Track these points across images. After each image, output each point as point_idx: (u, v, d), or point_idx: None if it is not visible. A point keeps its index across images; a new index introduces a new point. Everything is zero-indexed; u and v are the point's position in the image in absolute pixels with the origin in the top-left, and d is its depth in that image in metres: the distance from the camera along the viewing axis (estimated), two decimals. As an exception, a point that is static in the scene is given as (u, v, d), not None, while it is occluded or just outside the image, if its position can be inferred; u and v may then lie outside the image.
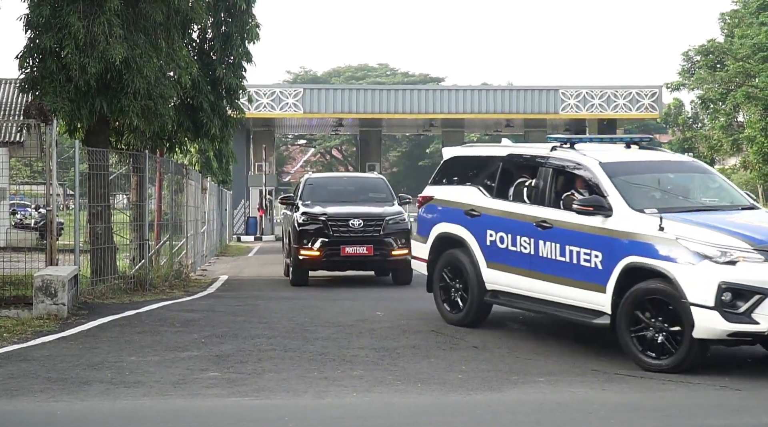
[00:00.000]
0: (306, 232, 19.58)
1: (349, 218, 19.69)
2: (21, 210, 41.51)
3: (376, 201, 21.02)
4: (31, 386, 9.21)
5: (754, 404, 8.85)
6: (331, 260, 19.63)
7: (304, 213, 19.85)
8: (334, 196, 21.14)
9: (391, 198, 21.31)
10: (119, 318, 14.15)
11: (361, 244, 19.57)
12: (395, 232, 19.74)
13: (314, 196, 20.82)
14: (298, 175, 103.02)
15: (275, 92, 51.08)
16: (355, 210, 20.15)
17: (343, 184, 22.65)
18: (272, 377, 9.73)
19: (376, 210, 20.17)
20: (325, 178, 23.53)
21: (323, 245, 19.43)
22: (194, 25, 20.17)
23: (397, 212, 20.17)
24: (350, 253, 19.51)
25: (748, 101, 48.35)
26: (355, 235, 19.60)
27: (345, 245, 19.49)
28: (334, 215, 19.68)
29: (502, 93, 52.95)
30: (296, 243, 19.62)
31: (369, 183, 22.53)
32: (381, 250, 19.58)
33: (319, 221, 19.61)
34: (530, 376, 9.94)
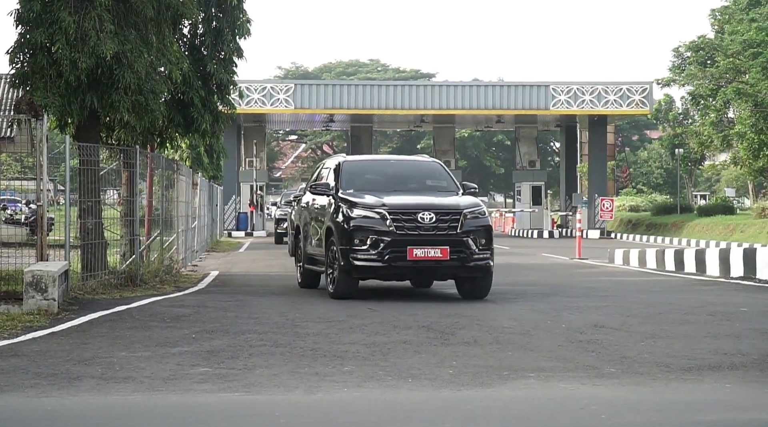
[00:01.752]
0: (360, 229, 15.57)
1: (418, 211, 15.59)
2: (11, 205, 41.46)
3: (437, 190, 17.09)
4: (21, 382, 9.19)
5: (745, 399, 8.86)
6: (393, 266, 15.51)
7: (354, 204, 15.90)
8: (383, 184, 17.15)
9: (454, 187, 17.32)
10: (110, 314, 14.13)
11: (434, 245, 15.37)
12: (475, 229, 15.73)
13: (358, 184, 16.91)
14: (289, 170, 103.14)
15: (266, 88, 51.08)
16: (423, 200, 16.09)
17: (391, 169, 18.28)
18: (263, 373, 9.72)
19: (449, 201, 16.15)
20: (367, 162, 19.15)
21: (384, 246, 15.40)
22: (185, 20, 20.15)
23: (474, 204, 16.14)
24: (419, 256, 15.34)
25: (739, 97, 48.45)
26: (426, 233, 15.43)
27: (413, 246, 15.36)
28: (398, 207, 15.69)
29: (493, 89, 53.02)
30: (345, 243, 15.60)
31: (424, 167, 18.24)
32: (459, 252, 15.50)
33: (375, 214, 15.63)
34: (521, 371, 9.94)
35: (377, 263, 15.39)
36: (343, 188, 16.68)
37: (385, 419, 7.92)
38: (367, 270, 15.66)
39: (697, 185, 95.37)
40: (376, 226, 15.47)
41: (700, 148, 58.61)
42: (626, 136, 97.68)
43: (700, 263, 23.76)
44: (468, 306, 15.35)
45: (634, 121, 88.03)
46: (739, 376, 9.81)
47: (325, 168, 18.56)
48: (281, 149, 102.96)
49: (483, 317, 13.98)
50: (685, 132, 64.52)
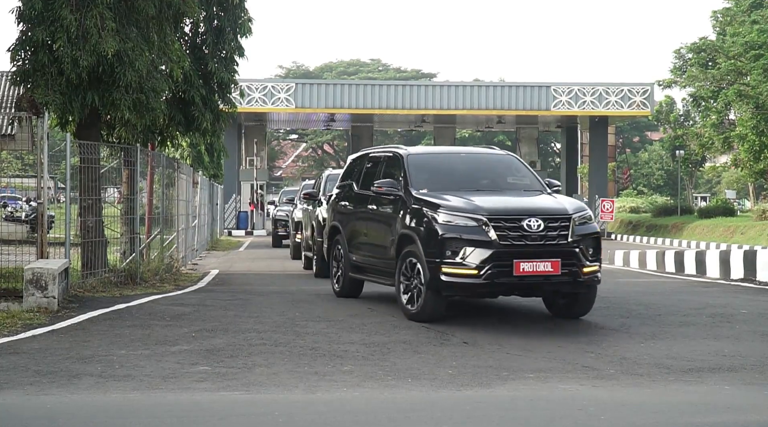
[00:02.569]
0: (453, 238, 12.70)
1: (523, 216, 12.80)
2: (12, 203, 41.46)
3: (523, 189, 14.73)
4: (21, 379, 9.19)
5: (743, 400, 8.87)
6: (496, 284, 12.69)
7: (437, 206, 13.15)
8: (459, 181, 14.54)
9: (539, 185, 14.94)
10: (109, 312, 14.13)
11: (544, 257, 12.68)
12: (585, 237, 13.13)
13: (431, 182, 14.33)
14: (290, 170, 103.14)
15: (267, 87, 51.08)
16: (526, 204, 13.51)
17: (464, 164, 15.42)
18: (263, 372, 9.73)
19: (554, 204, 13.53)
20: (436, 156, 16.04)
21: (486, 259, 12.52)
22: (186, 18, 20.15)
23: (581, 207, 13.55)
24: (527, 271, 12.54)
25: (740, 99, 48.45)
26: (533, 243, 12.71)
27: (520, 260, 12.57)
28: (499, 212, 12.86)
29: (494, 89, 53.02)
30: (433, 255, 12.82)
31: (502, 162, 15.55)
32: (571, 266, 12.82)
33: (471, 220, 12.76)
34: (520, 372, 9.94)
35: (475, 279, 12.46)
36: (415, 187, 14.04)
37: (384, 418, 7.93)
38: (461, 288, 12.76)
39: (698, 187, 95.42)
40: (473, 235, 12.58)
41: (701, 150, 58.61)
42: (627, 138, 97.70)
43: (700, 265, 23.76)
44: (466, 307, 15.35)
45: (635, 123, 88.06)
46: (738, 378, 9.81)
47: (371, 161, 16.25)
48: (282, 148, 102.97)
49: (482, 317, 13.98)
50: (685, 134, 64.50)
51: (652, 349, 11.54)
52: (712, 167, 73.84)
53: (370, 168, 16.00)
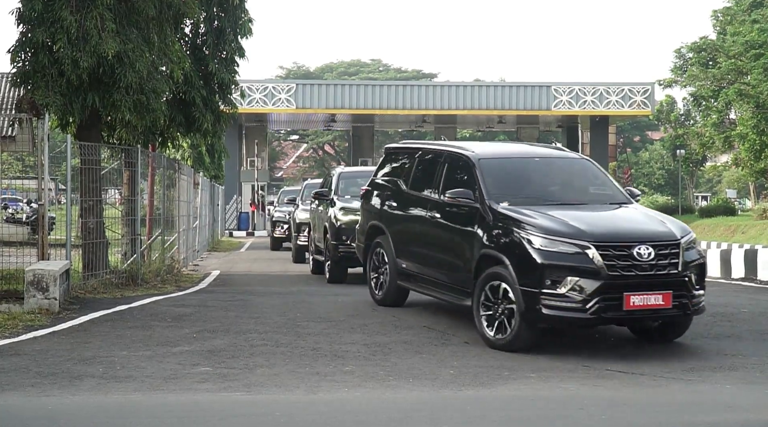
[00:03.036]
0: (554, 266, 11.02)
1: (633, 243, 11.13)
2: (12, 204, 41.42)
3: (609, 202, 12.89)
4: (22, 381, 9.20)
5: (744, 399, 8.87)
6: (603, 317, 11.05)
7: (528, 226, 11.41)
8: (541, 192, 12.76)
9: (621, 195, 13.13)
10: (111, 313, 14.13)
11: (655, 289, 11.03)
12: (693, 264, 11.51)
13: (510, 193, 12.42)
14: (291, 170, 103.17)
15: (268, 87, 51.08)
16: (633, 227, 11.72)
17: (539, 170, 13.39)
18: (264, 372, 9.73)
19: (661, 227, 11.71)
20: (510, 161, 13.62)
21: (593, 291, 10.85)
22: (187, 19, 20.13)
23: (685, 230, 11.83)
24: (637, 305, 10.93)
25: (740, 98, 48.46)
26: (643, 274, 11.04)
27: (630, 292, 10.91)
28: (606, 237, 11.17)
29: (495, 89, 53.00)
30: (533, 284, 11.06)
31: (579, 168, 13.58)
32: (681, 297, 11.21)
33: (574, 247, 11.03)
34: (521, 372, 9.95)
35: (580, 313, 10.90)
36: (492, 198, 12.24)
37: (385, 419, 7.93)
38: (563, 321, 11.21)
39: (699, 186, 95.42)
40: (577, 263, 10.99)
41: (702, 150, 58.62)
42: (628, 137, 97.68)
43: (701, 264, 23.70)
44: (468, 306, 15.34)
45: (636, 122, 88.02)
46: (739, 377, 9.82)
47: (425, 159, 14.49)
48: (282, 149, 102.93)
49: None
50: (686, 133, 64.52)
51: (653, 348, 11.55)
52: (713, 167, 73.89)
53: (424, 168, 14.38)
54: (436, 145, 14.94)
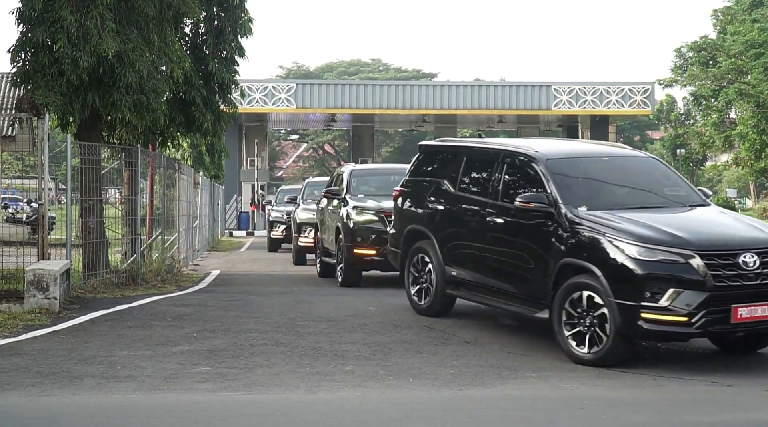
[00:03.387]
0: (654, 279, 10.19)
1: (738, 251, 10.33)
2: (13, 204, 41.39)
3: (688, 204, 12.04)
4: (23, 380, 9.20)
5: (745, 399, 8.87)
6: (710, 332, 10.36)
7: (632, 236, 10.46)
8: (617, 195, 11.93)
9: (696, 196, 12.39)
10: (111, 313, 14.13)
11: (761, 299, 10.24)
12: None
13: (584, 196, 11.55)
14: (291, 170, 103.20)
15: (268, 87, 51.05)
16: (736, 233, 10.91)
17: (612, 170, 12.49)
18: (264, 372, 9.73)
19: (758, 232, 10.92)
20: (578, 161, 12.53)
21: (699, 304, 10.03)
22: (187, 19, 20.11)
23: None
24: (744, 317, 10.13)
25: (740, 98, 48.48)
26: (750, 284, 10.24)
27: (738, 304, 10.12)
28: (710, 245, 10.38)
29: (495, 89, 52.98)
30: (631, 297, 10.16)
31: (650, 168, 12.74)
32: None
33: (676, 255, 10.22)
34: (522, 371, 9.95)
35: (685, 328, 10.09)
36: (568, 202, 11.32)
37: (385, 418, 7.93)
38: (665, 336, 10.64)
39: (699, 186, 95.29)
40: (679, 273, 10.16)
41: (702, 149, 58.64)
42: (628, 137, 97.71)
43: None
44: (467, 307, 15.33)
45: (636, 122, 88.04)
46: (740, 377, 9.81)
47: (475, 157, 13.50)
48: (282, 149, 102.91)
49: (483, 317, 13.98)
50: (686, 132, 64.55)
51: (653, 347, 11.55)
52: (713, 166, 73.89)
53: (476, 168, 13.37)
54: (489, 143, 13.97)
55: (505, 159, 12.65)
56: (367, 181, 20.34)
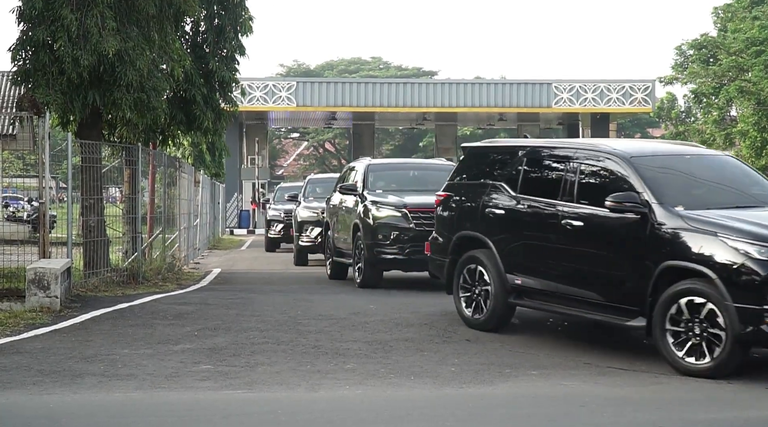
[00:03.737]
0: None
1: None
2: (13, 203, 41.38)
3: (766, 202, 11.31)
4: (24, 379, 9.20)
5: (746, 397, 8.87)
6: None
7: (748, 235, 9.85)
8: (710, 194, 11.42)
9: None
10: (112, 311, 14.13)
11: None
12: None
13: (678, 195, 10.93)
14: (291, 168, 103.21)
15: (268, 85, 51.04)
16: None
17: (696, 168, 11.90)
18: (265, 370, 9.73)
19: None
20: (665, 159, 11.83)
21: None
22: (187, 17, 20.12)
23: None
24: None
25: (741, 95, 48.41)
26: None
27: None
28: None
29: (495, 87, 52.98)
30: (750, 301, 9.55)
31: (731, 166, 12.29)
32: None
33: None
34: (523, 369, 9.95)
35: None
36: (666, 201, 10.68)
37: (386, 416, 7.93)
38: None
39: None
40: None
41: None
42: (628, 134, 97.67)
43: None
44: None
45: (637, 120, 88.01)
46: (740, 375, 9.80)
47: (541, 158, 12.57)
48: (283, 147, 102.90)
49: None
50: (687, 130, 64.40)
51: (654, 346, 11.54)
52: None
53: (541, 169, 12.53)
54: (556, 142, 13.25)
55: (580, 158, 11.87)
56: (385, 176, 19.64)
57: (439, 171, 19.33)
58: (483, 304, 12.60)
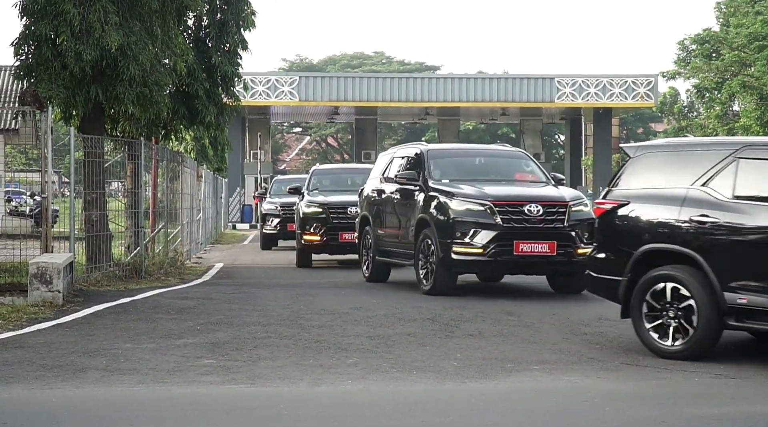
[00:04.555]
0: None
1: None
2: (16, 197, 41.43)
3: None
4: (26, 374, 9.20)
5: (749, 392, 8.86)
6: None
7: None
8: None
9: None
10: (114, 305, 14.14)
11: None
12: None
13: None
14: (294, 163, 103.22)
15: (271, 80, 51.05)
16: None
17: None
18: (267, 365, 9.73)
19: None
20: None
21: None
22: (190, 12, 20.14)
23: None
24: None
25: (744, 90, 48.37)
26: None
27: None
28: None
29: (498, 81, 52.95)
30: None
31: None
32: None
33: None
34: (525, 364, 9.94)
35: None
36: None
37: (388, 411, 7.93)
38: None
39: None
40: None
41: (705, 141, 58.45)
42: (631, 129, 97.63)
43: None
44: (471, 299, 15.34)
45: (639, 114, 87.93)
46: (744, 369, 9.80)
47: (747, 157, 10.45)
48: (286, 142, 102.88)
49: (487, 309, 13.96)
50: (690, 125, 64.37)
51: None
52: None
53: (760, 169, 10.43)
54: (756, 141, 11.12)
55: None
56: (448, 164, 17.23)
57: (509, 158, 18.00)
58: (681, 331, 10.46)
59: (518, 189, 15.30)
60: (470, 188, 15.84)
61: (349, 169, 27.54)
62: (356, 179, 23.42)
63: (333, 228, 21.65)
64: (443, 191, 15.97)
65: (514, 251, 14.31)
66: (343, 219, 21.68)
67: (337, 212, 21.87)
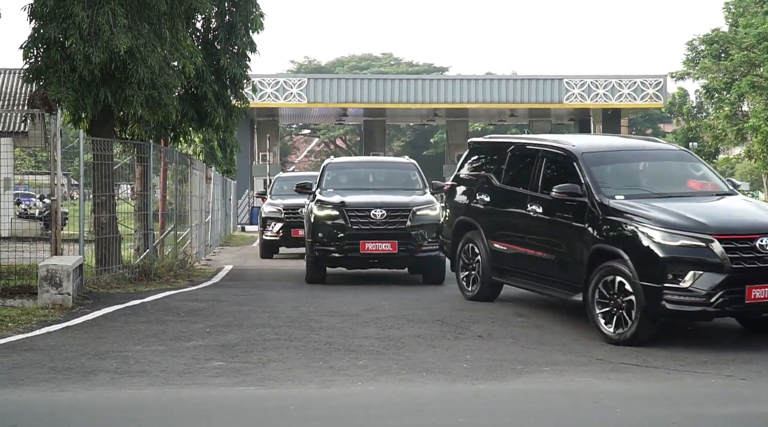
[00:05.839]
0: None
1: None
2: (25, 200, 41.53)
3: None
4: (36, 376, 9.22)
5: (759, 392, 8.85)
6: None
7: None
8: None
9: None
10: (124, 308, 14.16)
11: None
12: None
13: None
14: (302, 165, 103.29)
15: (279, 82, 51.05)
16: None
17: None
18: (277, 367, 9.74)
19: None
20: None
21: None
22: (198, 14, 20.15)
23: None
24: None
25: (753, 91, 48.27)
26: None
27: None
28: None
29: (506, 82, 52.88)
30: None
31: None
32: None
33: None
34: (535, 365, 9.93)
35: None
36: None
37: (398, 413, 7.93)
38: None
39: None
40: None
41: (714, 142, 58.38)
42: (640, 130, 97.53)
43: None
44: (481, 301, 15.32)
45: (648, 115, 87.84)
46: (753, 369, 9.79)
47: None
48: (294, 144, 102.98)
49: (496, 311, 13.95)
50: (699, 125, 64.31)
51: (667, 341, 11.51)
52: (726, 159, 73.63)
53: None
54: None
55: None
56: (611, 174, 12.79)
57: (678, 161, 13.71)
58: None
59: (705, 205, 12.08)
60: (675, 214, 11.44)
61: (370, 163, 23.13)
62: (378, 175, 20.04)
63: (353, 236, 17.42)
64: (631, 216, 11.61)
65: None
66: (365, 225, 17.46)
67: (357, 216, 17.51)
